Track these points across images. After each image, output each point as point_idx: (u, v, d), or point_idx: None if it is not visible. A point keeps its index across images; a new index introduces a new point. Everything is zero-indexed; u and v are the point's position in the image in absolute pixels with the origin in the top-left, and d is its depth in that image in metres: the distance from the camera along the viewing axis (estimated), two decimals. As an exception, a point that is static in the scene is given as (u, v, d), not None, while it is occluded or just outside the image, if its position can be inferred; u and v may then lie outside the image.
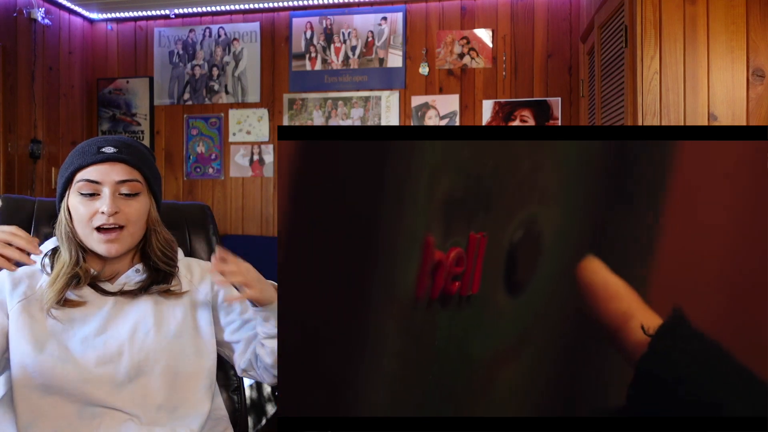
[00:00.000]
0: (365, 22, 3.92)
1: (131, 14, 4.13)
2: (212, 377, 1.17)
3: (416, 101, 3.84)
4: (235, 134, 4.07)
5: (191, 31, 4.15)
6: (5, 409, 1.09)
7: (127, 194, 1.12)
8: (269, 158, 4.03)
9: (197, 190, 4.15)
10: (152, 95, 4.19)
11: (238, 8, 4.01)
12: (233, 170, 4.08)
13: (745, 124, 2.00)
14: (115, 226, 1.10)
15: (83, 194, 1.10)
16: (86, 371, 1.06)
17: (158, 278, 1.16)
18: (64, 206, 1.13)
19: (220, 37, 4.11)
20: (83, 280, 1.11)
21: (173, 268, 1.18)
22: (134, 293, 1.13)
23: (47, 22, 3.77)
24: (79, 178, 1.11)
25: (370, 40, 3.91)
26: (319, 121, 3.96)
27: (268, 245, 3.79)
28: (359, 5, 3.92)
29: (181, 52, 4.16)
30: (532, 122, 3.69)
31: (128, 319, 1.12)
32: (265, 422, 1.93)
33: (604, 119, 2.63)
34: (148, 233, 1.17)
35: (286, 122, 3.98)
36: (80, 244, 1.12)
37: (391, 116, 3.86)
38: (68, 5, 3.96)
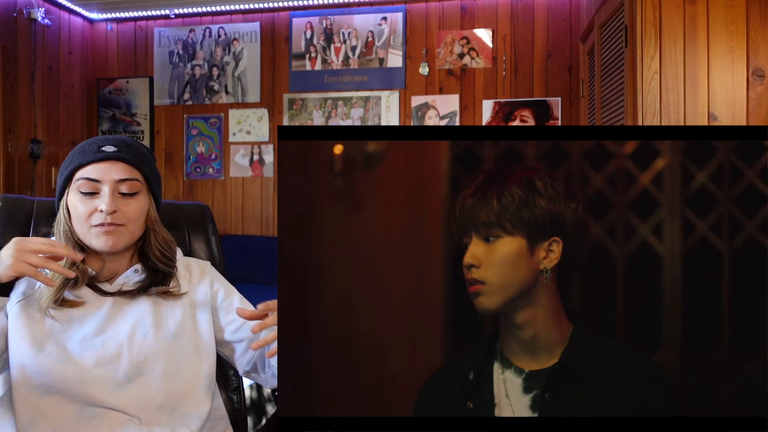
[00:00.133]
0: (365, 22, 3.92)
1: (131, 14, 4.13)
2: (212, 377, 1.16)
3: (416, 101, 3.84)
4: (235, 134, 4.07)
5: (191, 31, 4.14)
6: (5, 409, 1.09)
7: (126, 193, 1.11)
8: (269, 158, 4.03)
9: (197, 190, 4.15)
10: (152, 95, 4.19)
11: (238, 8, 4.01)
12: (233, 170, 4.08)
13: (745, 124, 2.00)
14: (113, 224, 1.09)
15: (83, 192, 1.10)
16: (85, 371, 1.06)
17: (157, 279, 1.15)
18: (63, 204, 1.12)
19: (220, 37, 4.11)
20: (81, 280, 1.10)
21: (172, 268, 1.18)
22: (133, 294, 1.13)
23: (47, 22, 3.77)
24: (78, 176, 1.10)
25: (370, 40, 3.91)
26: (319, 121, 3.96)
27: (268, 245, 3.79)
28: (359, 5, 3.92)
29: (181, 52, 4.16)
30: (532, 122, 3.68)
31: (127, 319, 1.11)
32: (264, 422, 1.93)
33: (604, 119, 2.63)
34: (147, 233, 1.16)
35: (286, 122, 3.98)
36: (79, 242, 1.12)
37: (391, 116, 3.86)
38: (68, 5, 3.96)
